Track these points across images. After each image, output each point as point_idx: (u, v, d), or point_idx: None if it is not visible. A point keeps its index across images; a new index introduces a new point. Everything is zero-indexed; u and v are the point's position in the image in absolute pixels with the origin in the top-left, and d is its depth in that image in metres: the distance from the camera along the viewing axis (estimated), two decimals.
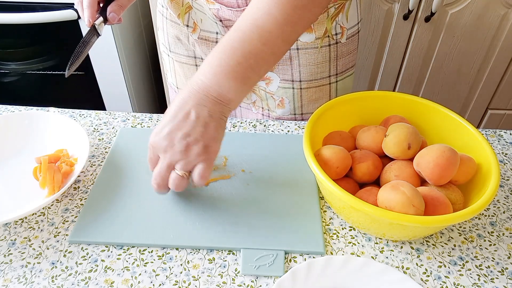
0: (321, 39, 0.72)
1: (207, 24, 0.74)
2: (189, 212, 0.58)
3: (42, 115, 0.69)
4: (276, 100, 0.79)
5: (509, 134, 0.74)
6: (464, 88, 1.55)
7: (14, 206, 0.58)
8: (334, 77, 0.78)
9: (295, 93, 0.78)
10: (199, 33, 0.75)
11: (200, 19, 0.74)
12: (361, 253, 0.55)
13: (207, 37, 0.75)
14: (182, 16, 0.75)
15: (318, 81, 0.77)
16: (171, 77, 0.89)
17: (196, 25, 0.75)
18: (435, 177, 0.53)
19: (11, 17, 1.27)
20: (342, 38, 0.74)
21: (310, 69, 0.75)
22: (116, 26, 1.34)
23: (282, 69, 0.75)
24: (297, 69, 0.75)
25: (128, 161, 0.66)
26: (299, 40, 0.72)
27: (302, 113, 0.81)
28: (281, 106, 0.80)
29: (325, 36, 0.72)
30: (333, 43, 0.74)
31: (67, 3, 1.27)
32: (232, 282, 0.51)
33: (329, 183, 0.50)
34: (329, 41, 0.73)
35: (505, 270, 0.53)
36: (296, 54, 0.73)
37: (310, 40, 0.72)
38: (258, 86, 0.79)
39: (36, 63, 1.48)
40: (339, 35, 0.73)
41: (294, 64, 0.74)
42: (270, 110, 0.81)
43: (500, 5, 1.32)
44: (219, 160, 0.66)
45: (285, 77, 0.76)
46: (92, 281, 0.50)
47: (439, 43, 1.42)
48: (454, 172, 0.53)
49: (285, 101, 0.79)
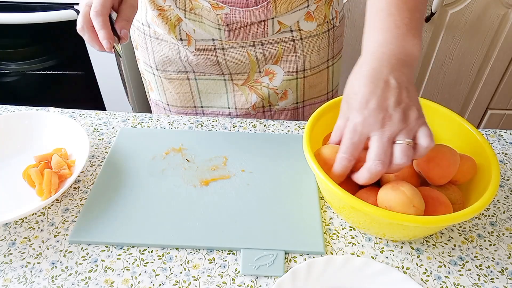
0: (321, 26, 0.75)
1: (201, 34, 0.72)
2: (189, 212, 0.58)
3: (42, 115, 0.69)
4: (279, 94, 0.80)
5: (509, 134, 0.74)
6: (464, 88, 1.55)
7: (14, 206, 0.58)
8: (331, 60, 0.82)
9: (299, 82, 0.79)
10: (195, 44, 0.73)
11: (192, 30, 0.72)
12: (361, 253, 0.55)
13: (204, 46, 0.73)
14: (173, 30, 0.73)
15: (319, 66, 0.80)
16: (158, 94, 0.86)
17: (189, 37, 0.73)
18: (435, 177, 0.53)
19: (11, 17, 1.27)
20: (337, 21, 0.78)
21: (313, 56, 0.77)
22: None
23: (287, 61, 0.76)
24: (301, 59, 0.76)
25: (128, 161, 0.66)
26: (302, 30, 0.73)
27: (303, 100, 0.83)
28: (284, 98, 0.81)
29: (325, 22, 0.75)
30: (331, 28, 0.77)
31: (67, 3, 1.27)
32: (232, 282, 0.51)
33: (329, 183, 0.49)
34: (328, 26, 0.76)
35: (505, 270, 0.53)
36: (300, 44, 0.75)
37: (312, 28, 0.74)
38: (261, 83, 0.79)
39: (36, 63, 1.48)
40: (335, 19, 0.77)
41: (298, 54, 0.76)
42: (272, 105, 0.81)
43: (500, 5, 1.32)
44: (219, 160, 0.66)
45: (289, 69, 0.77)
46: (92, 281, 0.50)
47: (439, 43, 1.42)
48: (454, 172, 0.53)
49: (288, 92, 0.80)
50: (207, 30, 0.71)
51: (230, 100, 0.82)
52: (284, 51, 0.75)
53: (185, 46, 0.74)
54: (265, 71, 0.78)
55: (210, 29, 0.71)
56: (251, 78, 0.78)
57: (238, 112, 0.83)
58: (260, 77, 0.78)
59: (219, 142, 0.70)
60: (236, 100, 0.81)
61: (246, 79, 0.78)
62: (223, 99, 0.82)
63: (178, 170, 0.64)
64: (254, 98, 0.81)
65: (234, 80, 0.79)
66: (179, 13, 0.70)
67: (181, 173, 0.64)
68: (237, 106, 0.82)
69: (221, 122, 0.75)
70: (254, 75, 0.78)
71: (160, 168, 0.65)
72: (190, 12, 0.69)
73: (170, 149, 0.68)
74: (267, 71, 0.78)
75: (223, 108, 0.83)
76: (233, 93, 0.81)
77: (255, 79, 0.79)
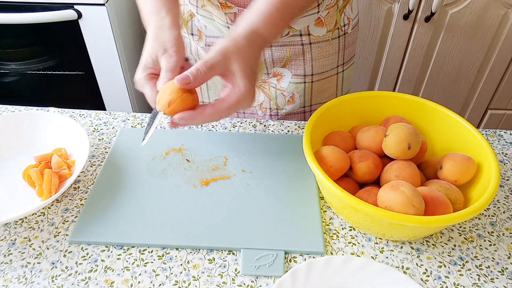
0: (332, 32, 0.75)
1: (212, 30, 0.74)
2: (189, 212, 0.58)
3: (42, 115, 0.69)
4: (286, 97, 0.80)
5: (509, 134, 0.74)
6: (464, 88, 1.55)
7: (14, 206, 0.58)
8: (341, 67, 0.81)
9: (306, 87, 0.79)
10: (205, 40, 0.75)
11: (204, 26, 0.74)
12: (361, 253, 0.55)
13: (214, 42, 0.75)
14: (185, 25, 0.75)
15: (328, 72, 0.79)
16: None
17: (200, 32, 0.75)
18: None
19: (11, 17, 1.27)
20: (349, 28, 0.77)
21: (321, 62, 0.77)
22: (116, 26, 1.34)
23: (295, 65, 0.76)
24: (309, 63, 0.76)
25: (128, 161, 0.66)
26: (311, 35, 0.73)
27: (311, 104, 0.83)
28: (291, 102, 0.81)
29: (335, 28, 0.75)
30: (342, 35, 0.77)
31: (67, 3, 1.27)
32: (232, 282, 0.51)
33: (329, 183, 0.50)
34: (339, 33, 0.76)
35: (505, 270, 0.53)
36: (309, 48, 0.75)
37: (322, 33, 0.74)
38: (268, 84, 0.79)
39: (36, 63, 1.48)
40: (347, 26, 0.77)
41: (307, 59, 0.76)
42: (279, 108, 0.81)
43: (500, 5, 1.32)
44: (219, 160, 0.66)
45: (297, 72, 0.77)
46: (92, 281, 0.50)
47: (439, 43, 1.42)
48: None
49: (296, 96, 0.80)
50: (217, 27, 0.73)
51: None
52: (292, 54, 0.75)
53: (196, 41, 0.76)
54: (273, 73, 0.78)
55: (219, 26, 0.72)
56: (259, 78, 0.78)
57: (245, 110, 0.83)
58: (268, 78, 0.79)
59: (219, 142, 0.70)
60: None
61: None
62: None
63: (178, 170, 0.64)
64: (262, 97, 0.81)
65: None
66: (192, 9, 0.71)
67: (181, 173, 0.64)
68: None
69: (221, 122, 0.75)
70: (262, 75, 0.78)
71: (160, 168, 0.65)
72: (201, 8, 0.71)
73: (170, 149, 0.68)
74: (275, 73, 0.78)
75: None
76: None
77: (263, 79, 0.79)
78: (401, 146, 0.56)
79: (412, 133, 0.56)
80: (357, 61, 1.50)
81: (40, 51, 1.48)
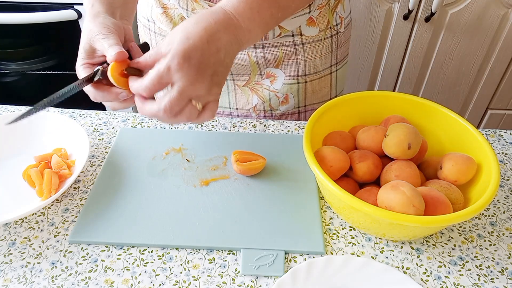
0: (324, 31, 0.74)
1: None
2: (189, 212, 0.58)
3: (42, 115, 0.69)
4: (280, 98, 0.80)
5: (509, 134, 0.74)
6: (464, 88, 1.55)
7: (14, 206, 0.58)
8: (335, 66, 0.81)
9: (300, 87, 0.79)
10: None
11: None
12: (361, 253, 0.55)
13: None
14: None
15: (322, 72, 0.79)
16: None
17: None
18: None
19: (11, 17, 1.27)
20: (341, 28, 0.77)
21: (314, 62, 0.77)
22: None
23: (288, 65, 0.76)
24: (302, 64, 0.76)
25: (128, 161, 0.66)
26: (304, 35, 0.73)
27: (305, 105, 0.82)
28: (285, 102, 0.81)
29: (328, 28, 0.75)
30: (334, 34, 0.76)
31: (67, 3, 1.27)
32: (232, 282, 0.51)
33: (329, 183, 0.50)
34: (331, 32, 0.76)
35: (505, 270, 0.53)
36: (302, 49, 0.74)
37: (314, 33, 0.74)
38: (261, 85, 0.79)
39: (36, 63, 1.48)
40: (339, 25, 0.77)
41: (299, 59, 0.76)
42: (273, 109, 0.81)
43: (500, 5, 1.32)
44: (219, 160, 0.66)
45: (290, 73, 0.77)
46: (92, 281, 0.50)
47: (439, 43, 1.42)
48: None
49: (290, 97, 0.80)
50: None
51: (232, 100, 0.82)
52: (285, 55, 0.75)
53: None
54: (266, 74, 0.78)
55: None
56: (252, 79, 0.78)
57: (239, 112, 0.83)
58: (261, 79, 0.78)
59: (219, 142, 0.70)
60: (238, 100, 0.81)
61: (248, 80, 0.78)
62: (225, 99, 0.82)
63: (178, 170, 0.64)
64: (255, 99, 0.81)
65: (236, 80, 0.79)
66: (182, 12, 0.71)
67: (181, 173, 0.64)
68: (238, 106, 0.82)
69: (221, 122, 0.75)
70: (255, 77, 0.78)
71: (160, 168, 0.65)
72: (192, 12, 0.70)
73: (170, 149, 0.68)
74: (268, 74, 0.78)
75: (224, 107, 0.83)
76: (235, 93, 0.81)
77: (256, 81, 0.79)
78: (401, 146, 0.56)
79: (412, 133, 0.56)
80: (357, 61, 1.50)
81: (40, 51, 1.48)
